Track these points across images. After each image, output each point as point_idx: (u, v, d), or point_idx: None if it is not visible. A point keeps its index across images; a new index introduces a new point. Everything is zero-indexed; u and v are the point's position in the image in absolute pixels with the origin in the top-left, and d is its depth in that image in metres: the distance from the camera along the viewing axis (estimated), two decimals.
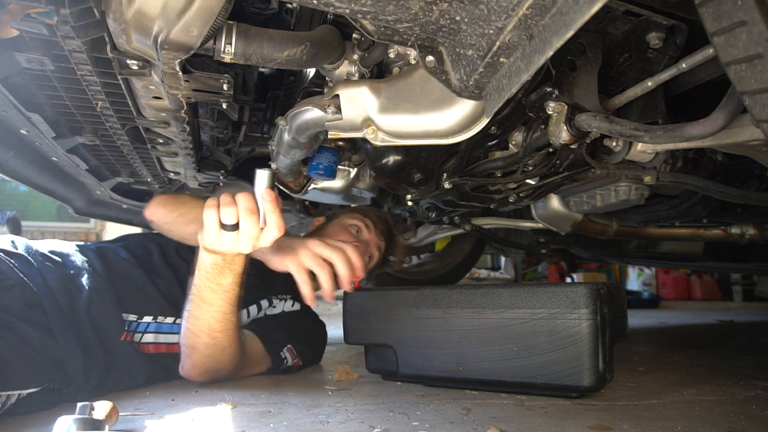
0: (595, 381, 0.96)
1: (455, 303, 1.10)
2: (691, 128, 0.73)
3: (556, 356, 0.99)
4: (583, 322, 0.97)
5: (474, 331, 1.08)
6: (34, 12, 0.71)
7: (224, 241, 0.98)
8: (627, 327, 1.15)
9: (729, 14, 0.44)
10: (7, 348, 0.93)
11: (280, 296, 1.45)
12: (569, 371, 0.97)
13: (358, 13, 0.60)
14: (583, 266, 6.09)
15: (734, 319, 3.54)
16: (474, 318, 1.08)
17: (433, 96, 0.89)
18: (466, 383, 1.11)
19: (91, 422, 0.74)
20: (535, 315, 1.02)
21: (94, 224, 5.35)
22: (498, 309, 1.06)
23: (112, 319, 1.15)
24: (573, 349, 0.97)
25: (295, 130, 1.08)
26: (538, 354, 1.01)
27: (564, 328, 0.98)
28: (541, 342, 1.00)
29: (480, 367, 1.07)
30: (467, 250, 2.69)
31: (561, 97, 0.86)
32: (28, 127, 1.15)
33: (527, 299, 1.03)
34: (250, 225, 0.96)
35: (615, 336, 1.02)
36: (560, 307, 0.99)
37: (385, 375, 1.24)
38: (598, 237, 1.81)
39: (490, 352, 1.06)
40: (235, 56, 0.79)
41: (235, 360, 1.16)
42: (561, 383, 0.99)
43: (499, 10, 0.55)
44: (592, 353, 0.96)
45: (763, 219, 1.66)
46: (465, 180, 1.22)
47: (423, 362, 1.13)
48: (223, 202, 0.97)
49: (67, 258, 1.20)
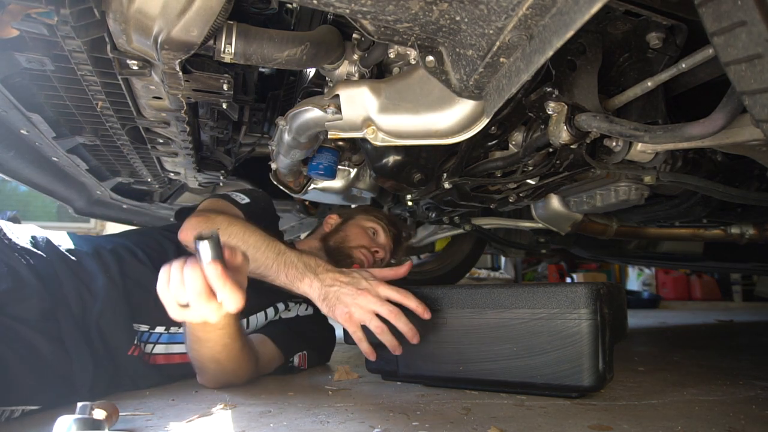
0: (595, 381, 0.95)
1: (455, 303, 1.10)
2: (691, 128, 0.74)
3: (556, 356, 0.98)
4: (583, 322, 0.97)
5: (474, 331, 1.07)
6: (35, 12, 0.71)
7: (188, 316, 0.87)
8: (627, 327, 1.15)
9: (729, 14, 0.44)
10: (18, 362, 0.91)
11: (294, 300, 1.43)
12: (569, 371, 0.97)
13: (358, 13, 0.60)
14: (583, 266, 6.09)
15: (734, 319, 3.54)
16: (474, 318, 1.08)
17: (433, 96, 0.89)
18: (467, 383, 1.11)
19: (91, 422, 0.74)
20: (535, 315, 1.01)
21: (94, 224, 5.35)
22: (498, 309, 1.06)
23: (122, 332, 1.11)
24: (573, 349, 0.97)
25: (296, 130, 1.08)
26: (538, 354, 1.00)
27: (564, 328, 0.98)
28: (541, 342, 1.00)
29: (480, 367, 1.06)
30: (467, 250, 2.69)
31: (561, 97, 0.86)
32: (28, 127, 1.15)
33: (527, 299, 1.03)
34: (203, 306, 0.83)
35: (615, 336, 1.02)
36: (560, 307, 0.99)
37: (385, 375, 1.23)
38: (598, 237, 1.81)
39: (490, 352, 1.05)
40: (235, 56, 0.79)
41: (248, 373, 1.14)
42: (561, 383, 0.98)
43: (499, 10, 0.55)
44: (592, 353, 0.95)
45: (763, 219, 1.66)
46: (465, 180, 1.22)
47: (423, 362, 1.13)
48: (173, 279, 0.85)
49: (84, 259, 1.15)
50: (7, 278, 0.98)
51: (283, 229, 2.23)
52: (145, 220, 2.18)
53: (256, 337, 1.25)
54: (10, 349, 0.92)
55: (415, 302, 1.07)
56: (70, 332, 1.02)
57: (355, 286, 1.07)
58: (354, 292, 1.06)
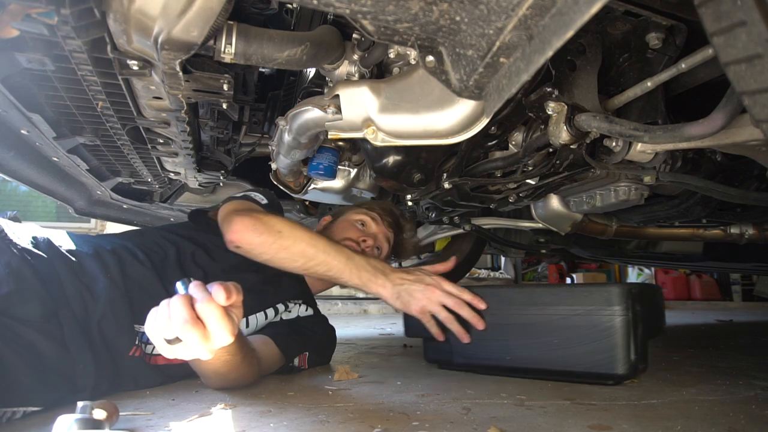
0: (628, 369, 1.07)
1: (503, 301, 1.23)
2: (690, 128, 0.74)
3: (593, 348, 1.10)
4: (616, 317, 1.08)
5: (520, 326, 1.20)
6: (35, 12, 0.71)
7: (178, 353, 0.81)
8: (664, 324, 1.27)
9: (728, 14, 0.44)
10: (19, 363, 0.91)
11: (293, 301, 1.43)
12: (604, 361, 1.09)
13: (358, 14, 0.60)
14: (582, 266, 6.09)
15: (733, 319, 3.54)
16: (520, 314, 1.20)
17: (433, 96, 0.89)
18: (513, 371, 1.24)
19: (91, 422, 0.74)
20: (574, 312, 1.13)
21: (94, 224, 5.36)
22: (541, 306, 1.18)
23: (123, 333, 1.10)
24: (607, 342, 1.08)
25: (296, 130, 1.08)
26: (576, 345, 1.12)
27: (599, 323, 1.10)
28: (579, 335, 1.12)
29: (525, 357, 1.20)
30: (467, 250, 2.69)
31: (561, 97, 0.86)
32: (28, 127, 1.15)
33: (567, 298, 1.15)
34: (194, 341, 0.76)
35: (649, 331, 1.13)
36: (596, 304, 1.10)
37: (441, 364, 1.38)
38: (598, 237, 1.81)
39: (534, 343, 1.18)
40: (235, 56, 0.79)
41: (251, 378, 1.14)
42: (597, 371, 1.10)
43: (499, 10, 0.56)
44: (625, 345, 1.07)
45: (763, 219, 1.66)
46: (465, 180, 1.22)
47: (475, 353, 1.26)
48: (160, 314, 0.80)
49: (84, 260, 1.13)
50: (9, 280, 0.97)
51: None
52: (146, 220, 2.18)
53: (258, 338, 1.24)
54: (12, 351, 0.91)
55: (469, 295, 1.21)
56: (72, 334, 1.01)
57: (423, 283, 1.21)
58: (423, 288, 1.21)
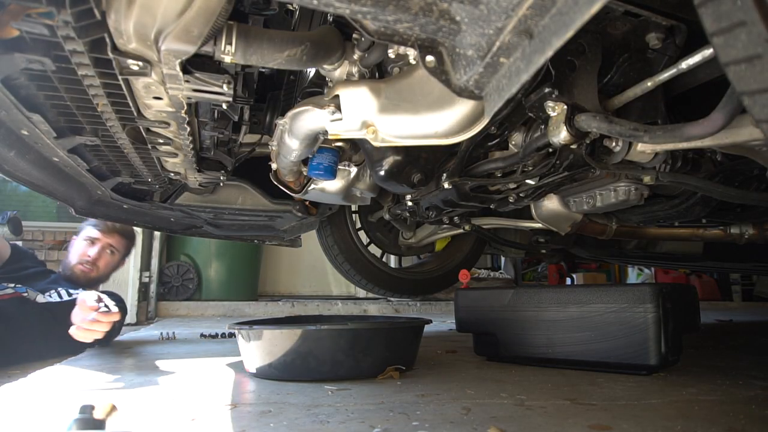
0: (659, 361, 1.18)
1: (544, 300, 1.36)
2: (690, 128, 0.74)
3: (627, 341, 1.21)
4: (648, 314, 1.18)
5: (559, 322, 1.33)
6: (35, 12, 0.71)
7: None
8: (699, 321, 1.36)
9: (728, 14, 0.44)
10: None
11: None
12: (637, 353, 1.20)
13: (358, 14, 0.60)
14: (582, 266, 6.08)
15: (733, 319, 3.54)
16: (559, 311, 1.33)
17: (433, 96, 0.89)
18: (553, 363, 1.36)
19: (91, 422, 0.74)
20: (609, 309, 1.25)
21: None
22: (578, 304, 1.30)
23: None
24: (640, 336, 1.19)
25: (296, 131, 1.08)
26: (611, 339, 1.24)
27: (632, 319, 1.20)
28: (614, 330, 1.23)
29: (564, 350, 1.32)
30: (467, 250, 2.69)
31: (561, 97, 0.86)
32: (28, 127, 1.15)
33: (602, 296, 1.26)
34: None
35: (683, 327, 1.24)
36: (629, 302, 1.21)
37: (489, 357, 1.54)
38: (598, 237, 1.81)
39: (572, 338, 1.30)
40: (235, 57, 0.79)
41: None
42: (631, 362, 1.21)
43: (499, 10, 0.56)
44: (656, 339, 1.17)
45: (763, 219, 1.66)
46: (465, 180, 1.22)
47: (519, 347, 1.40)
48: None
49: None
50: None
51: (283, 229, 2.23)
52: (146, 220, 2.18)
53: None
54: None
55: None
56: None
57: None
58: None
